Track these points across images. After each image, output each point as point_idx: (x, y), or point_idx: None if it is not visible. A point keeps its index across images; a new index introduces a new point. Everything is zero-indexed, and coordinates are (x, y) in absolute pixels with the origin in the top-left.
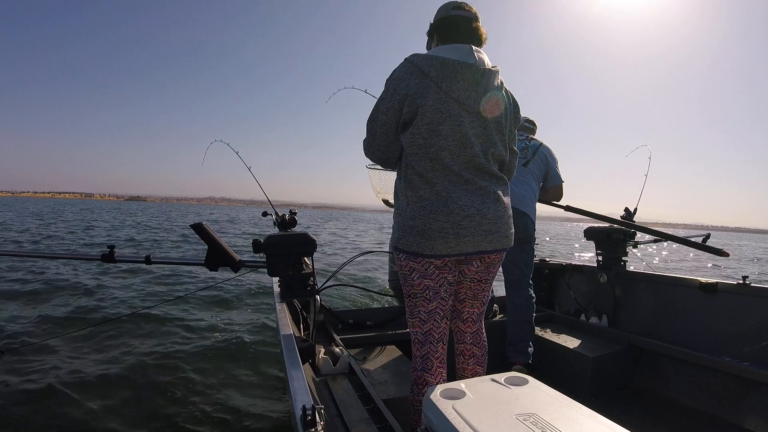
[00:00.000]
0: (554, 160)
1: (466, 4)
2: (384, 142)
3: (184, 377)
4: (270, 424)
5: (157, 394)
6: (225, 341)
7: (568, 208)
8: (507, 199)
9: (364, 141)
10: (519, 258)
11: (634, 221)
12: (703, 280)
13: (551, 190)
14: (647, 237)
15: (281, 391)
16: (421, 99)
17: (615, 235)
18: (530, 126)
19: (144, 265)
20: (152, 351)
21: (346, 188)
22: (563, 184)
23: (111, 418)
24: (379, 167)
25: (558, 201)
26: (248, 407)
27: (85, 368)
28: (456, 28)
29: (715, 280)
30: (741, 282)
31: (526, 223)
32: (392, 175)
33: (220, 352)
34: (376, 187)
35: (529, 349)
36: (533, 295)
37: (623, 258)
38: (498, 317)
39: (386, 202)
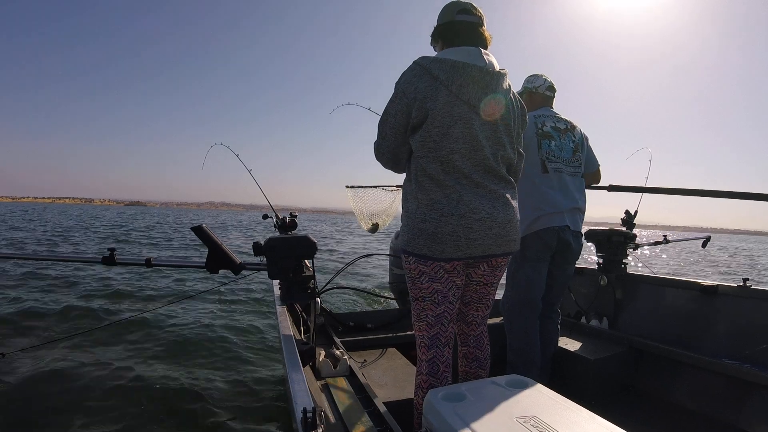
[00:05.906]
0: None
1: (473, 6)
2: (394, 145)
3: (184, 379)
4: (270, 427)
5: (156, 396)
6: (225, 344)
7: (611, 188)
8: (515, 203)
9: (375, 143)
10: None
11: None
12: (704, 282)
13: (589, 176)
14: (648, 239)
15: (282, 393)
16: (431, 102)
17: (615, 238)
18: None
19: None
20: (151, 353)
21: (345, 193)
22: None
23: (110, 419)
24: (359, 185)
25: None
26: (249, 409)
27: (84, 371)
28: (462, 34)
29: (716, 283)
30: (741, 284)
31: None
32: (372, 195)
33: (220, 355)
34: (357, 210)
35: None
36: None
37: (624, 260)
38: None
39: (374, 228)
